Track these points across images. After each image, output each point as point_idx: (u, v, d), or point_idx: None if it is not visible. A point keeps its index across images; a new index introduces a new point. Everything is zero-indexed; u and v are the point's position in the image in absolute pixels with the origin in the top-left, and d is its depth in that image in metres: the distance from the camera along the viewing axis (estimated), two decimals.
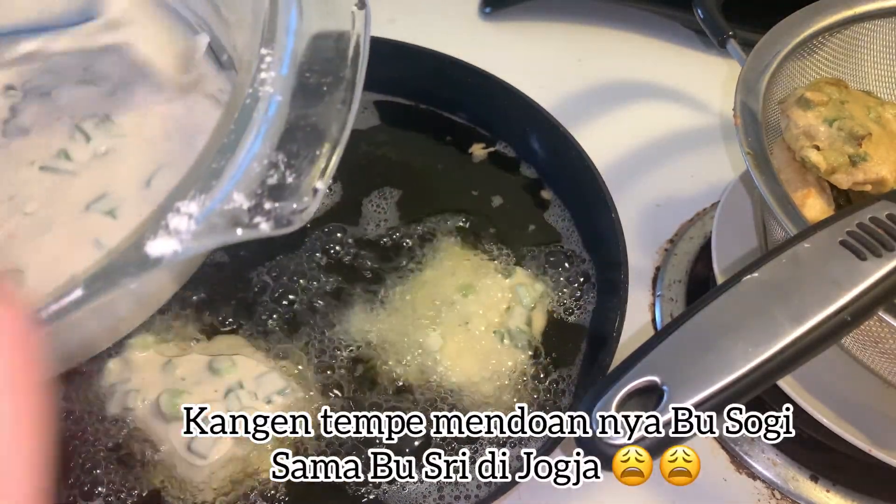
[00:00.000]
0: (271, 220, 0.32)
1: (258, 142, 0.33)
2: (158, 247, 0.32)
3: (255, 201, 0.32)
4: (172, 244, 0.32)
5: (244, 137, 0.33)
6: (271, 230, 0.33)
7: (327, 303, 0.64)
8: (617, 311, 0.60)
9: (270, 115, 0.34)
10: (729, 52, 0.65)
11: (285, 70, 0.35)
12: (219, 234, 0.32)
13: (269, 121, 0.34)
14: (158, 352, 0.60)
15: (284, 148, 0.33)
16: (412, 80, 0.77)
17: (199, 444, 0.55)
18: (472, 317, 0.62)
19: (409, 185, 0.72)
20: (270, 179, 0.33)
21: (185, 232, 0.32)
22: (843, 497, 0.61)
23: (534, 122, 0.72)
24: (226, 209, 0.32)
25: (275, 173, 0.33)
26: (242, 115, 0.34)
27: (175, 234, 0.32)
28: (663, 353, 0.41)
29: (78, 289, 0.32)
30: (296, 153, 0.33)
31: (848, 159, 0.56)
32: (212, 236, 0.32)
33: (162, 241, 0.32)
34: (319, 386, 0.60)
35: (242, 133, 0.33)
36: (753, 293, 0.43)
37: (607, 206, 0.65)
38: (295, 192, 0.33)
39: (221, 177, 0.33)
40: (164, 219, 0.32)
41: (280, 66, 0.35)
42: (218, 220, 0.32)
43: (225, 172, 0.33)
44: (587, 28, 0.96)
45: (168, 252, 0.32)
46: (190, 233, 0.32)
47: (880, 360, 0.57)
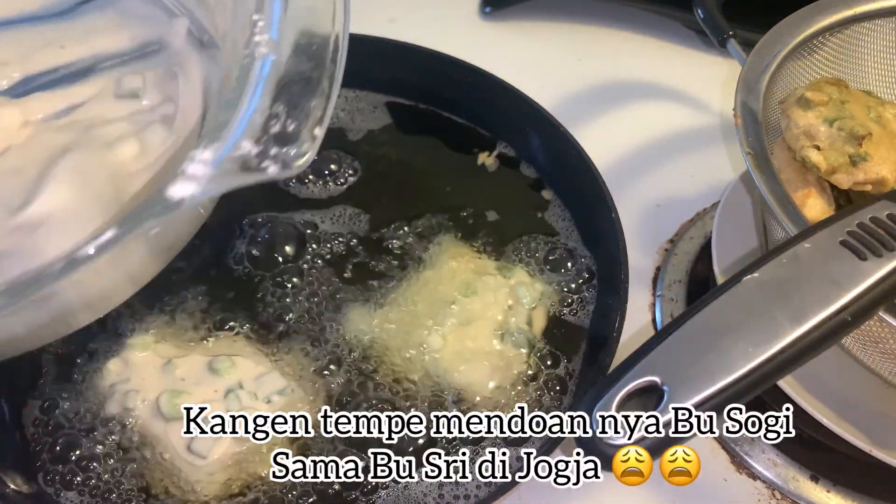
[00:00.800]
0: (278, 163, 0.36)
1: (257, 95, 0.37)
2: (178, 190, 0.36)
3: (262, 147, 0.36)
4: (191, 187, 0.36)
5: (245, 92, 0.37)
6: (278, 173, 0.36)
7: (327, 303, 0.64)
8: (617, 311, 0.60)
9: (266, 73, 0.38)
10: (729, 52, 0.65)
11: (275, 33, 0.39)
12: (231, 177, 0.36)
13: (265, 78, 0.38)
14: (158, 352, 0.60)
15: (283, 100, 0.37)
16: (412, 79, 0.77)
17: (199, 444, 0.55)
18: (473, 316, 0.62)
19: (409, 185, 0.72)
20: (273, 128, 0.37)
21: (201, 176, 0.36)
22: (844, 497, 0.61)
23: (534, 122, 0.72)
24: (236, 155, 0.36)
25: (277, 123, 0.37)
26: (241, 74, 0.38)
27: (192, 179, 0.36)
28: (663, 353, 0.41)
29: (112, 229, 0.36)
30: (294, 105, 0.37)
31: (848, 159, 0.56)
32: (226, 179, 0.36)
33: (181, 185, 0.36)
34: (319, 386, 0.60)
35: (243, 89, 0.38)
36: (753, 293, 0.43)
37: (607, 206, 0.65)
38: (296, 138, 0.36)
39: (228, 127, 0.37)
40: (181, 166, 0.36)
41: (270, 30, 0.39)
42: (230, 165, 0.36)
43: (231, 123, 0.37)
44: (587, 28, 0.96)
45: (187, 194, 0.36)
46: (206, 177, 0.36)
47: (880, 360, 0.57)
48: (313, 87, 0.38)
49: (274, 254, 0.66)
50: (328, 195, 0.71)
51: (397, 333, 0.62)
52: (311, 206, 0.70)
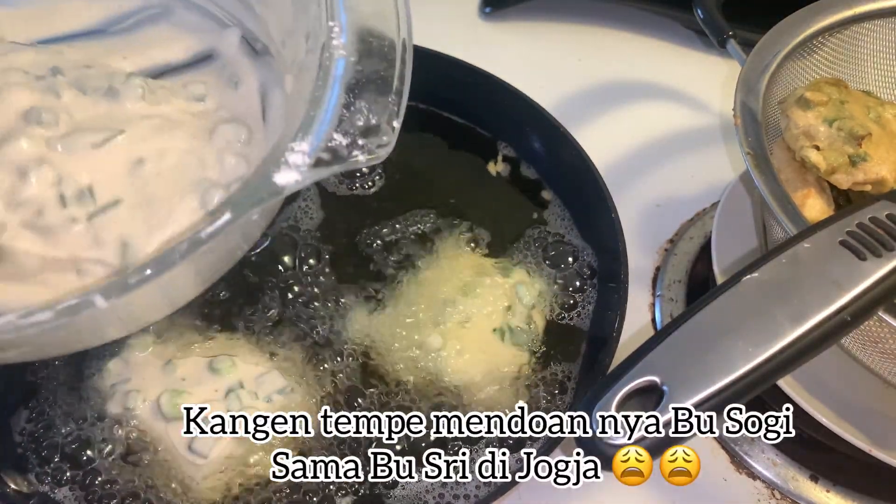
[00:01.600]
0: (365, 152, 0.42)
1: (336, 93, 0.43)
2: (283, 177, 0.40)
3: (350, 139, 0.42)
4: (293, 175, 0.41)
5: (326, 91, 0.43)
6: (366, 161, 0.42)
7: (328, 302, 0.64)
8: (617, 311, 0.60)
9: (340, 73, 0.43)
10: (729, 52, 0.65)
11: (345, 38, 0.45)
12: (326, 166, 0.41)
13: (340, 77, 0.43)
14: (158, 352, 0.60)
15: (363, 97, 0.43)
16: (412, 80, 0.77)
17: (200, 443, 0.55)
18: (473, 316, 0.62)
19: (409, 185, 0.72)
20: (359, 122, 0.42)
21: (301, 165, 0.41)
22: (843, 497, 0.61)
23: (534, 122, 0.72)
24: (329, 146, 0.41)
25: (360, 118, 0.42)
26: (322, 75, 0.43)
27: (294, 167, 0.41)
28: (663, 353, 0.41)
29: (227, 212, 0.40)
30: (373, 101, 0.43)
31: (848, 159, 0.56)
32: (322, 168, 0.41)
33: (285, 173, 0.41)
34: (320, 385, 0.60)
35: (325, 88, 0.43)
36: (753, 293, 0.43)
37: (607, 206, 0.65)
38: (378, 130, 0.42)
39: (316, 122, 0.42)
40: (283, 156, 0.41)
41: (342, 34, 0.45)
42: (324, 154, 0.41)
43: (319, 118, 0.42)
44: (587, 28, 0.96)
45: (291, 181, 0.40)
46: (305, 165, 0.41)
47: (880, 360, 0.57)
48: (388, 84, 0.44)
49: (274, 253, 0.66)
50: (329, 195, 0.71)
51: (397, 333, 0.62)
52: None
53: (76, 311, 0.38)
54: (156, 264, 0.39)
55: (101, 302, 0.38)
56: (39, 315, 0.37)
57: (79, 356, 0.60)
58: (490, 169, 0.74)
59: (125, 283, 0.39)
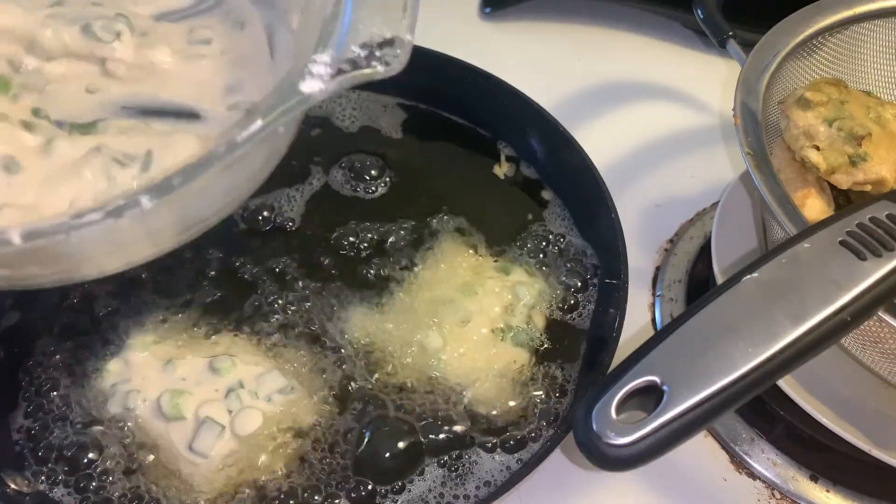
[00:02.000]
0: (382, 63, 0.44)
1: (349, 7, 0.45)
2: (308, 86, 0.43)
3: (368, 51, 0.44)
4: (318, 83, 0.43)
5: (341, 6, 0.45)
6: (384, 71, 0.44)
7: (328, 302, 0.64)
8: (617, 311, 0.60)
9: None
10: (729, 52, 0.65)
11: None
12: (348, 75, 0.43)
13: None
14: (158, 352, 0.60)
15: (378, 14, 0.45)
16: (412, 80, 0.76)
17: (201, 443, 0.55)
18: (473, 316, 0.62)
19: (409, 185, 0.72)
20: (375, 36, 0.44)
21: (325, 74, 0.43)
22: (843, 497, 0.61)
23: (534, 122, 0.72)
24: (348, 57, 0.44)
25: (377, 31, 0.44)
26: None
27: (318, 77, 0.43)
28: (663, 353, 0.41)
29: (258, 119, 0.41)
30: (387, 17, 0.45)
31: (848, 159, 0.56)
32: (343, 77, 0.43)
33: (310, 81, 0.43)
34: (320, 385, 0.60)
35: (339, 4, 0.46)
36: (753, 293, 0.43)
37: (607, 206, 0.65)
38: (392, 43, 0.44)
39: (335, 35, 0.44)
40: (307, 66, 0.43)
41: None
42: (345, 65, 0.43)
43: (335, 32, 0.44)
44: (587, 28, 0.96)
45: (316, 89, 0.43)
46: (328, 74, 0.43)
47: (880, 360, 0.57)
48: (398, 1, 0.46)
49: (275, 253, 0.66)
50: (329, 193, 0.71)
51: (397, 333, 0.62)
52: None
53: (122, 211, 0.39)
54: (198, 164, 0.41)
55: (147, 202, 0.39)
56: (91, 215, 0.39)
57: (79, 356, 0.60)
58: (497, 171, 0.74)
59: (170, 183, 0.40)
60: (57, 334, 0.62)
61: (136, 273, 0.64)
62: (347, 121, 0.77)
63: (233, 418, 0.56)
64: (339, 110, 0.77)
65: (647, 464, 0.40)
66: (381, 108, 0.78)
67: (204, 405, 0.56)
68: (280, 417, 0.57)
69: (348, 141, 0.75)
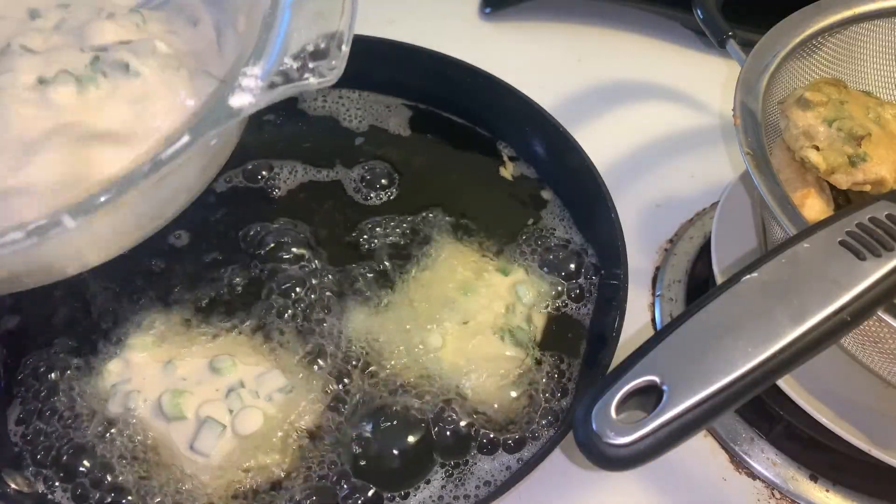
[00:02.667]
0: (316, 75, 0.44)
1: (285, 20, 0.45)
2: (238, 100, 0.43)
3: (301, 63, 0.44)
4: (247, 97, 0.43)
5: (277, 17, 0.45)
6: (317, 84, 0.44)
7: (328, 302, 0.64)
8: (616, 311, 0.60)
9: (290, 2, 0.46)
10: (729, 52, 0.65)
11: None
12: (279, 88, 0.43)
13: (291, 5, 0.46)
14: (159, 352, 0.60)
15: (313, 24, 0.45)
16: (412, 80, 0.77)
17: (202, 442, 0.55)
18: (473, 316, 0.63)
19: (409, 185, 0.72)
20: (308, 47, 0.44)
21: (255, 88, 0.43)
22: (843, 497, 0.61)
23: (534, 122, 0.72)
24: (280, 69, 0.44)
25: (311, 43, 0.44)
26: (273, 5, 0.46)
27: (248, 90, 0.43)
28: (663, 352, 0.41)
29: (185, 136, 0.42)
30: (322, 28, 0.45)
31: (847, 159, 0.56)
32: (275, 90, 0.43)
33: (239, 95, 0.43)
34: (320, 384, 0.60)
35: (275, 15, 0.46)
36: (753, 293, 0.43)
37: (607, 206, 0.65)
38: (327, 54, 0.44)
39: (268, 47, 0.44)
40: (237, 80, 0.43)
41: None
42: (276, 78, 0.43)
43: (270, 44, 0.45)
44: (587, 28, 0.96)
45: (245, 103, 0.43)
46: (259, 88, 0.43)
47: (880, 360, 0.57)
48: (336, 10, 0.46)
49: (275, 252, 0.66)
50: (328, 194, 0.71)
51: (397, 333, 0.62)
52: None
53: (46, 231, 0.39)
54: (121, 183, 0.41)
55: (70, 221, 0.40)
56: (12, 235, 0.39)
57: (79, 357, 0.60)
58: (504, 173, 0.74)
59: (94, 203, 0.40)
60: (57, 335, 0.62)
61: (136, 274, 0.65)
62: (355, 121, 0.77)
63: (233, 418, 0.56)
64: (343, 111, 0.77)
65: (647, 463, 0.40)
66: (384, 109, 0.78)
67: (204, 405, 0.57)
68: (280, 416, 0.57)
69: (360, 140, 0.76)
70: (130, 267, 0.65)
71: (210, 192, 0.71)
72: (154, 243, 0.65)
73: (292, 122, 0.76)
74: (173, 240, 0.67)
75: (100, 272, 0.55)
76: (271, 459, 0.56)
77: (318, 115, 0.77)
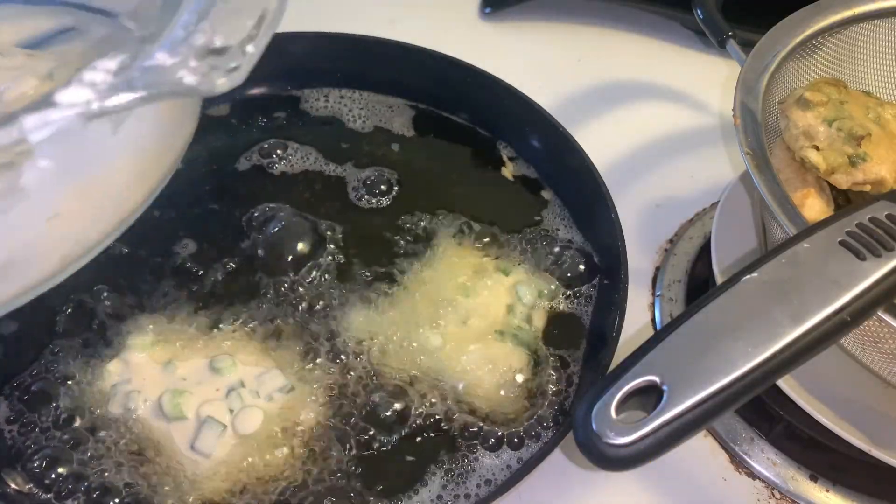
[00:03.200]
0: (197, 75, 0.35)
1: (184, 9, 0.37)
2: (69, 95, 0.35)
3: (179, 59, 0.35)
4: (85, 93, 0.35)
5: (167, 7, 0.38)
6: (197, 84, 0.35)
7: (328, 302, 0.64)
8: (616, 311, 0.60)
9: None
10: (729, 52, 0.65)
11: None
12: (139, 86, 0.35)
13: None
14: (159, 352, 0.60)
15: (213, 18, 0.37)
16: (412, 80, 0.77)
17: (202, 442, 0.55)
18: (473, 316, 0.63)
19: (409, 185, 0.72)
20: (197, 41, 0.36)
21: (100, 83, 0.35)
22: (843, 497, 0.61)
23: (534, 122, 0.72)
24: (146, 65, 0.35)
25: (202, 37, 0.36)
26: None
27: (90, 86, 0.35)
28: (663, 353, 0.41)
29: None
30: (225, 22, 0.37)
31: (847, 159, 0.56)
32: (133, 90, 0.35)
33: (74, 90, 0.35)
34: (320, 384, 0.60)
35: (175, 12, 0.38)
36: (753, 293, 0.43)
37: (607, 206, 0.65)
38: (224, 52, 0.36)
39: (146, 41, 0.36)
40: (78, 73, 0.35)
41: None
42: (136, 74, 0.35)
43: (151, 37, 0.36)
44: (587, 28, 0.96)
45: (80, 100, 0.35)
46: (106, 84, 0.35)
47: (880, 360, 0.57)
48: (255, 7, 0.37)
49: (275, 252, 0.66)
50: (328, 195, 0.71)
51: (398, 333, 0.62)
52: None
53: None
54: None
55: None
56: None
57: (79, 357, 0.60)
58: (505, 173, 0.74)
59: None
60: (57, 336, 0.62)
61: (135, 274, 0.65)
62: (359, 122, 0.77)
63: (234, 418, 0.56)
64: (346, 111, 0.77)
65: (647, 463, 0.40)
66: (387, 109, 0.78)
67: (205, 405, 0.57)
68: (281, 416, 0.57)
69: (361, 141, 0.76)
70: (130, 267, 0.65)
71: (209, 190, 0.71)
72: (153, 243, 0.66)
73: (293, 122, 0.77)
74: (173, 240, 0.67)
75: (100, 272, 0.56)
76: (272, 459, 0.56)
77: (323, 115, 0.77)
